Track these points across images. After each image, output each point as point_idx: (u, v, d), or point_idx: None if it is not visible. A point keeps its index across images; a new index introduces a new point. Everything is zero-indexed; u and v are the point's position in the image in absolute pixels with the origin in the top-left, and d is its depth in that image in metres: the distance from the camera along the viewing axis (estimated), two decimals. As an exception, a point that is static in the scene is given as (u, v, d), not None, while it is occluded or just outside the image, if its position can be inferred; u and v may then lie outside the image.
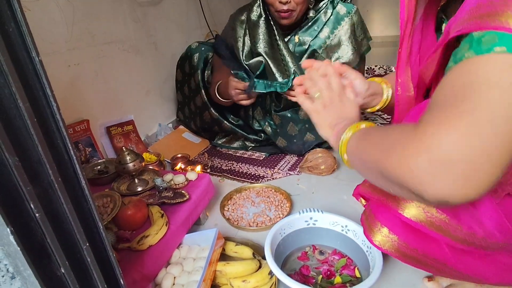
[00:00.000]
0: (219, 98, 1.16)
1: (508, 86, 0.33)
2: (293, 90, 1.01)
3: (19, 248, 0.34)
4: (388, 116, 1.49)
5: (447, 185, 0.34)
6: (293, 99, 1.03)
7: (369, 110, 0.75)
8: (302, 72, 1.10)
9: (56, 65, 1.05)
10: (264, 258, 0.76)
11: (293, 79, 1.04)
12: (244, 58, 1.15)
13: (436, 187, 0.34)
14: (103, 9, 1.19)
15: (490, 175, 0.33)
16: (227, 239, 0.83)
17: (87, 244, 0.43)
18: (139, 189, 0.89)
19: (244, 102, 1.09)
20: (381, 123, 1.54)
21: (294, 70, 1.08)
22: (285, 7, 1.01)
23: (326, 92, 0.63)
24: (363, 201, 0.89)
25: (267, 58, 1.10)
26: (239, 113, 1.33)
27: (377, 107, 0.73)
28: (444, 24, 0.64)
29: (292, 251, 0.79)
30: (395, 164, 0.38)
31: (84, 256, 0.43)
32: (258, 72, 1.05)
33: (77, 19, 1.09)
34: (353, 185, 0.98)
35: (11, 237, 0.33)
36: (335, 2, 1.10)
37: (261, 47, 1.11)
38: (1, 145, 0.32)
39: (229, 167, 1.27)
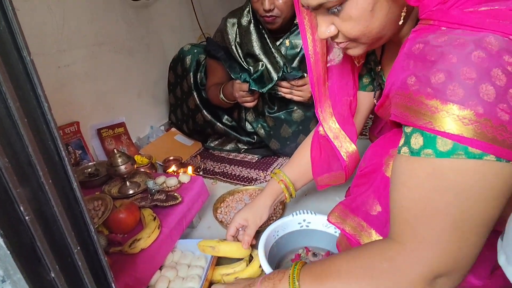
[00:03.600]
0: (224, 99, 1.16)
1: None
2: (285, 81, 1.04)
3: (9, 252, 0.33)
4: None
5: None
6: (286, 96, 1.05)
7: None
8: (292, 68, 1.13)
9: (45, 66, 1.03)
10: (254, 247, 0.79)
11: (283, 71, 1.05)
12: (242, 59, 1.16)
13: None
14: (95, 9, 1.18)
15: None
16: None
17: (78, 247, 0.42)
18: (131, 192, 0.88)
19: (248, 104, 1.10)
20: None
21: (284, 63, 1.10)
22: (268, 14, 1.04)
23: None
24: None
25: (263, 59, 1.12)
26: (232, 115, 1.32)
27: (288, 200, 0.82)
28: (372, 62, 0.70)
29: (285, 253, 0.79)
30: None
31: (75, 260, 0.42)
32: (255, 76, 1.07)
33: (68, 19, 1.08)
34: (344, 187, 0.99)
35: (1, 240, 0.33)
36: (326, 7, 1.11)
37: (256, 50, 1.13)
38: (-10, 146, 0.32)
39: (222, 170, 1.26)
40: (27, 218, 0.35)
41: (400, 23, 0.50)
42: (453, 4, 0.40)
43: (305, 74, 1.02)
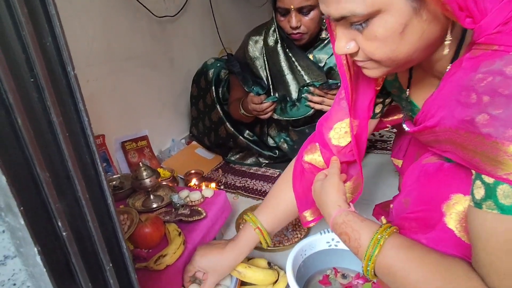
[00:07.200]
0: (244, 113, 1.17)
1: None
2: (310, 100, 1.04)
3: (45, 270, 0.32)
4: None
5: None
6: (316, 106, 1.04)
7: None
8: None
9: (75, 80, 1.06)
10: (280, 267, 0.76)
11: (306, 89, 1.04)
12: (266, 75, 1.17)
13: None
14: (122, 25, 1.21)
15: None
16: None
17: (111, 265, 0.41)
18: (155, 205, 0.88)
19: (262, 117, 1.11)
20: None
21: (307, 83, 1.09)
22: (295, 31, 1.05)
23: None
24: (384, 220, 0.86)
25: (289, 76, 1.13)
26: (254, 130, 1.32)
27: (265, 247, 0.70)
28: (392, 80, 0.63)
29: (312, 274, 0.76)
30: None
31: (107, 277, 0.41)
32: (275, 98, 1.10)
33: (98, 36, 1.11)
34: (372, 204, 0.95)
35: (38, 258, 0.32)
36: (351, 20, 1.11)
37: (285, 70, 1.14)
38: (33, 161, 0.31)
39: (243, 184, 1.24)
40: (64, 234, 0.34)
41: (445, 52, 0.43)
42: None
43: (339, 84, 1.02)
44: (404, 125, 0.62)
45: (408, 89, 0.59)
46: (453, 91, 0.41)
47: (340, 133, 0.65)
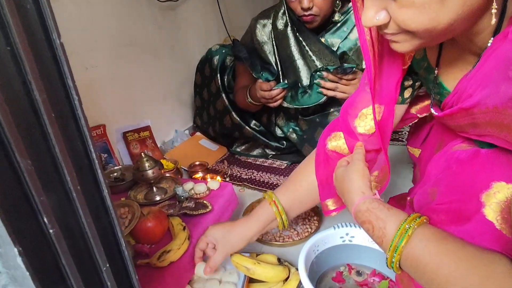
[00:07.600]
0: (251, 101, 1.11)
1: None
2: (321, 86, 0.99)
3: (28, 273, 0.28)
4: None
5: None
6: (328, 93, 0.99)
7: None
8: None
9: (73, 67, 1.01)
10: (290, 263, 0.73)
11: (319, 75, 0.99)
12: (276, 61, 1.11)
13: None
14: (122, 9, 1.15)
15: None
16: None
17: (107, 265, 0.36)
18: (158, 198, 0.83)
19: (271, 105, 1.05)
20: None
21: (319, 68, 1.02)
22: (307, 13, 0.98)
23: None
24: None
25: (299, 61, 1.07)
26: (261, 119, 1.27)
27: (280, 228, 0.67)
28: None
29: (325, 270, 0.71)
30: None
31: (104, 279, 0.37)
32: (285, 85, 1.03)
33: (96, 18, 1.06)
34: (386, 196, 0.90)
35: (19, 259, 0.27)
36: (366, 2, 1.04)
37: (295, 55, 1.07)
38: (11, 146, 0.26)
39: (249, 176, 1.20)
40: (51, 231, 0.29)
41: (493, 22, 0.38)
42: None
43: (354, 68, 0.95)
44: (432, 110, 0.57)
45: (436, 68, 0.54)
46: (499, 66, 0.36)
47: (366, 120, 0.60)
